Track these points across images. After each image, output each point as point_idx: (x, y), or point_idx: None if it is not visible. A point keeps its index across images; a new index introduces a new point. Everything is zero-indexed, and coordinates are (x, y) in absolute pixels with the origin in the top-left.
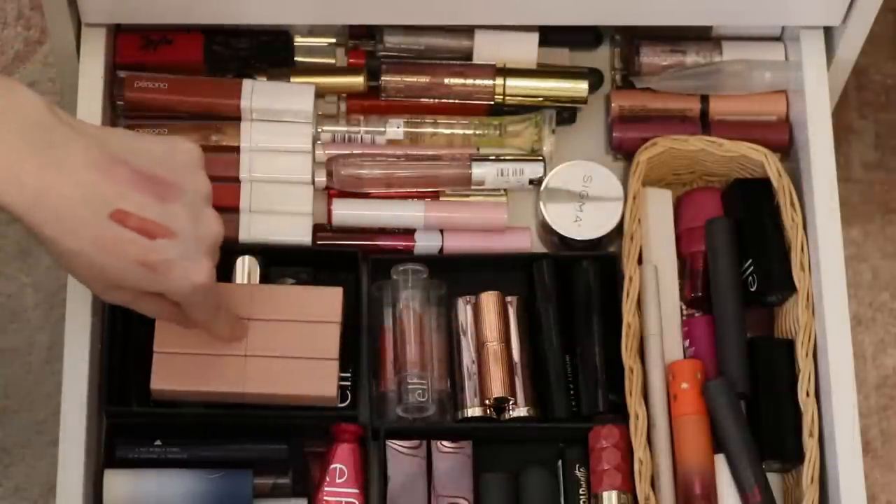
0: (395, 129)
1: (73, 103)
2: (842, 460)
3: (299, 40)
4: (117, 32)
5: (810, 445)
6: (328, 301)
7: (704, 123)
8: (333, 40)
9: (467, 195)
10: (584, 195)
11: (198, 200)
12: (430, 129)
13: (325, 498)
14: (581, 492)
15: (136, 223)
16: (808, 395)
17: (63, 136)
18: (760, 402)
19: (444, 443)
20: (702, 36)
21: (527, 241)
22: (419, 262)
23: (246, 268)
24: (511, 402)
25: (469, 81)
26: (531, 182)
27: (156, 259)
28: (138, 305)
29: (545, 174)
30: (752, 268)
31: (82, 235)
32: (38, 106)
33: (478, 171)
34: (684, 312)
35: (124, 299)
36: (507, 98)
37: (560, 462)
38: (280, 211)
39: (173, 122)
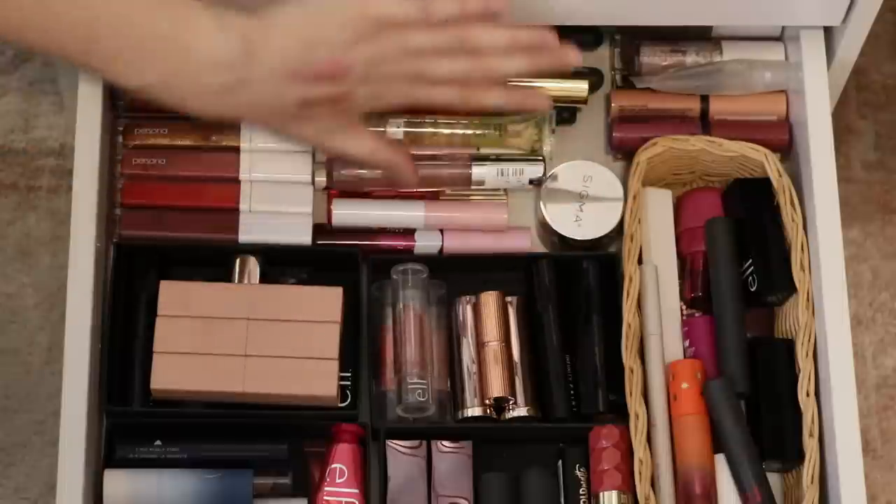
0: (395, 129)
1: (73, 103)
2: (842, 460)
3: None
4: None
5: (810, 445)
6: (328, 301)
7: (704, 123)
8: None
9: (467, 195)
10: (584, 195)
11: (377, 59)
12: (430, 129)
13: (325, 498)
14: (581, 492)
15: (323, 93)
16: (808, 395)
17: (246, 70)
18: (760, 402)
19: (444, 443)
20: (702, 36)
21: (527, 241)
22: (419, 262)
23: (246, 268)
24: (511, 402)
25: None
26: (531, 182)
27: (345, 117)
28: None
29: (545, 174)
30: (752, 268)
31: (283, 121)
32: (218, 47)
33: (478, 171)
34: (684, 312)
35: (334, 142)
36: None
37: (560, 462)
38: (280, 211)
39: (173, 122)
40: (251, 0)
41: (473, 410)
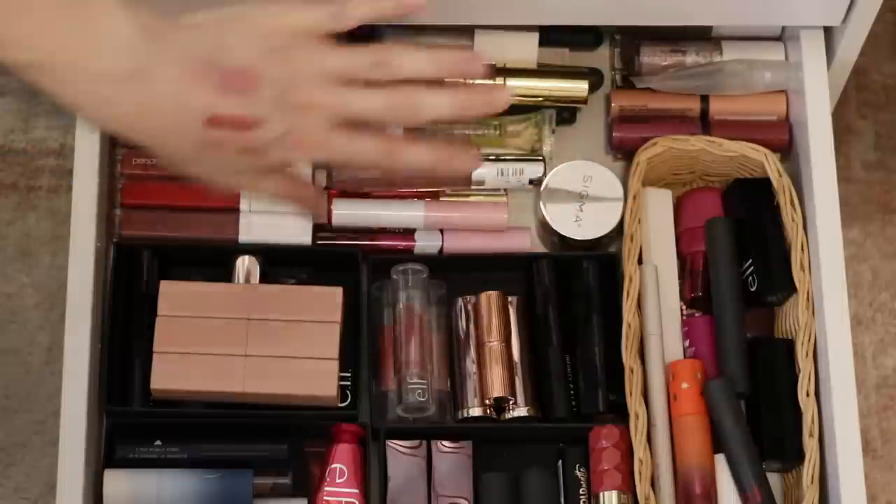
0: (395, 128)
1: None
2: (842, 460)
3: None
4: None
5: (810, 445)
6: (328, 301)
7: (704, 123)
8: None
9: (467, 195)
10: (584, 195)
11: (290, 78)
12: (429, 129)
13: (325, 498)
14: (581, 492)
15: (230, 121)
16: (808, 395)
17: (149, 57)
18: (760, 402)
19: (444, 443)
20: (702, 36)
21: (527, 241)
22: (419, 262)
23: (246, 268)
24: (511, 402)
25: (469, 81)
26: (531, 182)
27: (255, 147)
28: (257, 188)
29: (545, 174)
30: (752, 268)
31: (185, 144)
32: (124, 29)
33: (477, 171)
34: (684, 312)
35: (240, 183)
36: None
37: (560, 462)
38: (280, 211)
39: None
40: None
41: (473, 410)
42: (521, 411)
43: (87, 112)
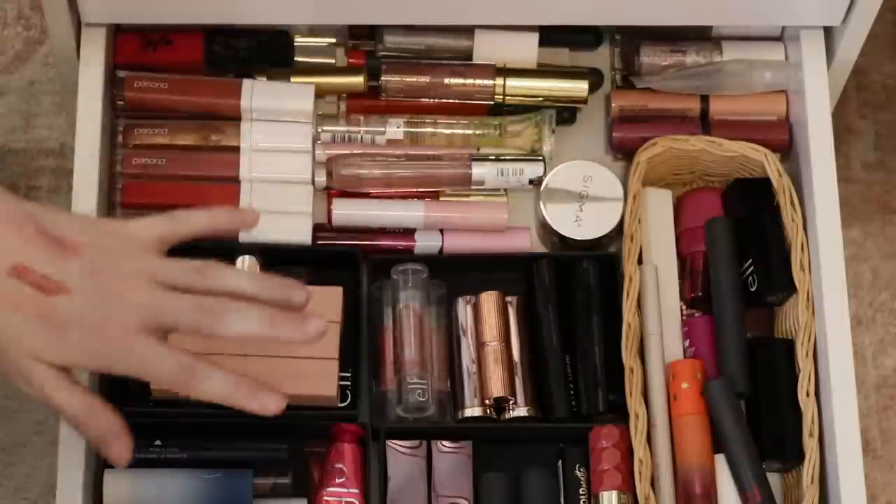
0: (395, 129)
1: (73, 103)
2: (842, 460)
3: (299, 40)
4: (117, 32)
5: (810, 445)
6: (328, 301)
7: (704, 123)
8: (333, 40)
9: (467, 195)
10: (584, 195)
11: (110, 265)
12: (430, 129)
13: (325, 498)
14: (581, 492)
15: (34, 278)
16: (808, 395)
17: None
18: (760, 402)
19: (444, 443)
20: (702, 36)
21: (527, 241)
22: (419, 262)
23: (246, 268)
24: (511, 402)
25: (469, 81)
26: (531, 182)
27: (54, 316)
28: (42, 395)
29: (545, 174)
30: (752, 268)
31: None
32: None
33: (478, 171)
34: (684, 312)
35: (24, 383)
36: (507, 98)
37: (560, 462)
38: (280, 211)
39: (173, 122)
40: None
41: (473, 410)
42: (521, 411)
43: None
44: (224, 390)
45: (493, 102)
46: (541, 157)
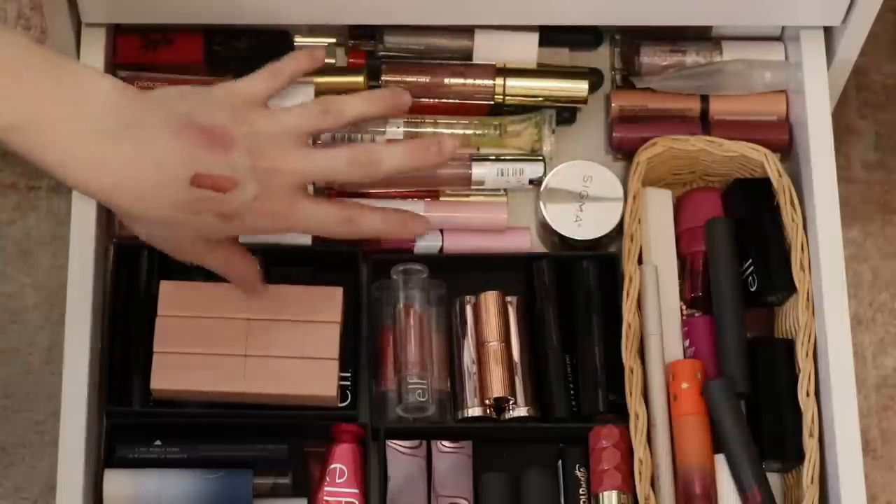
0: (395, 129)
1: None
2: (842, 460)
3: (299, 40)
4: (117, 32)
5: (810, 445)
6: (328, 301)
7: (704, 123)
8: (333, 40)
9: (467, 195)
10: (584, 195)
11: (256, 140)
12: (430, 129)
13: (325, 498)
14: (581, 492)
15: (212, 182)
16: (808, 395)
17: (133, 114)
18: (760, 402)
19: (444, 443)
20: (702, 36)
21: (527, 241)
22: (419, 262)
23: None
24: (511, 402)
25: (469, 81)
26: (531, 182)
27: (230, 210)
28: (210, 260)
29: (545, 174)
30: (752, 268)
31: (165, 204)
32: (107, 89)
33: (477, 171)
34: (684, 312)
35: (197, 253)
36: (507, 98)
37: (560, 462)
38: None
39: None
40: None
41: (473, 410)
42: (520, 411)
43: (69, 172)
44: (381, 226)
45: (493, 102)
46: (541, 157)
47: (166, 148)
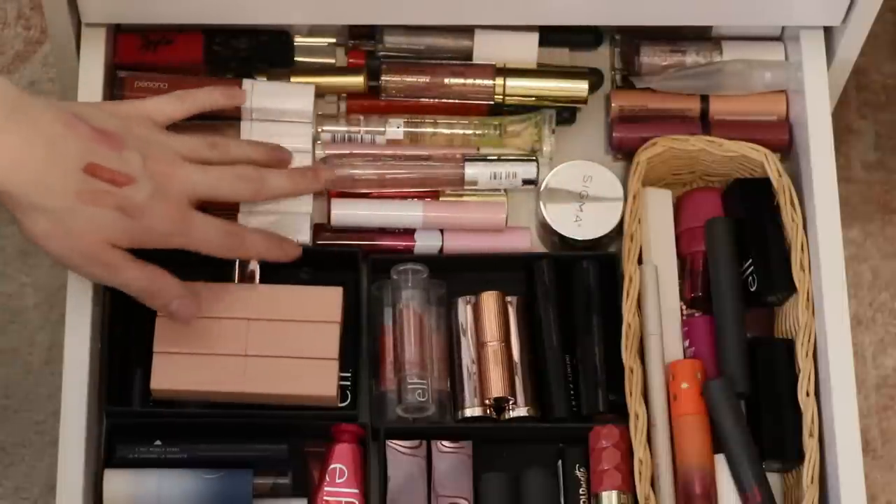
0: (395, 129)
1: None
2: (842, 460)
3: (299, 40)
4: (117, 32)
5: (810, 445)
6: (328, 301)
7: (704, 123)
8: (333, 40)
9: (467, 195)
10: (584, 195)
11: (148, 145)
12: (430, 129)
13: (325, 498)
14: (581, 492)
15: (107, 174)
16: (808, 395)
17: (26, 103)
18: (760, 402)
19: (444, 443)
20: (702, 36)
21: (527, 241)
22: (419, 262)
23: (246, 268)
24: (511, 402)
25: (469, 81)
26: (525, 183)
27: (129, 204)
28: (120, 276)
29: (538, 175)
30: (752, 268)
31: (59, 190)
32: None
33: (470, 171)
34: (684, 312)
35: (103, 270)
36: (507, 98)
37: (560, 462)
38: (280, 211)
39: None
40: None
41: (473, 410)
42: (520, 411)
43: None
44: (262, 244)
45: (493, 102)
46: (534, 158)
47: (58, 134)
